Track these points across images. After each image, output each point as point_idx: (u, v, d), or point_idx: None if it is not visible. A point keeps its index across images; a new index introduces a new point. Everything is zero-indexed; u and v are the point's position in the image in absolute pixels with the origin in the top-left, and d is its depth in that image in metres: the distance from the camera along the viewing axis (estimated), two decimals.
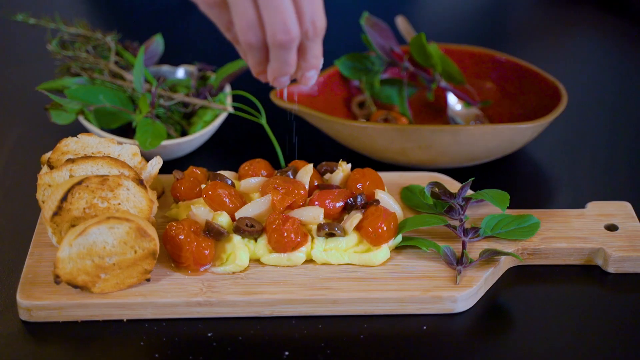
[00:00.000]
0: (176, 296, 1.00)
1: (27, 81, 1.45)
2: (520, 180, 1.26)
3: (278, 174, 1.13)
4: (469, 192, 1.12)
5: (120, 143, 1.12)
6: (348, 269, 1.04)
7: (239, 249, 1.04)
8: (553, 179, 1.28)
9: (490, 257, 1.05)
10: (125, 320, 1.00)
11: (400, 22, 1.47)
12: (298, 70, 1.02)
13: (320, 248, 1.05)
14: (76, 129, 1.21)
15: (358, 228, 1.06)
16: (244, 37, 0.97)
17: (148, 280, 1.01)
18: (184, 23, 1.70)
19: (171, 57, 1.40)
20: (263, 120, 1.23)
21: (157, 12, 1.74)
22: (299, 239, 1.04)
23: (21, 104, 1.43)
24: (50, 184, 1.05)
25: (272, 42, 0.95)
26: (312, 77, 1.03)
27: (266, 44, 0.97)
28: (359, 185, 1.11)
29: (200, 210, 1.07)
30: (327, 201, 1.07)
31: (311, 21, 0.96)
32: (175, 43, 1.48)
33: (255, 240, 1.05)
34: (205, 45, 1.61)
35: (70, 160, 1.06)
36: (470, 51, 1.38)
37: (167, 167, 1.22)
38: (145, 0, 1.77)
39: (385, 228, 1.05)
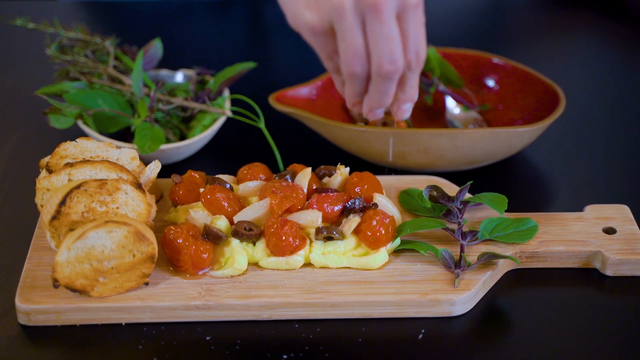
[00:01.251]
0: (175, 300, 1.00)
1: (26, 85, 1.46)
2: (518, 184, 1.27)
3: (276, 178, 1.13)
4: (467, 195, 1.12)
5: (118, 147, 1.13)
6: (346, 273, 1.04)
7: (238, 253, 1.04)
8: (551, 182, 1.28)
9: (488, 260, 1.05)
10: (123, 324, 1.00)
11: None
12: (394, 103, 1.01)
13: (319, 251, 1.05)
14: (75, 133, 1.22)
15: (356, 231, 1.06)
16: (349, 67, 0.95)
17: (147, 284, 1.01)
18: (183, 28, 1.70)
19: (170, 61, 1.41)
20: (262, 124, 1.23)
21: (155, 16, 1.74)
22: (297, 243, 1.04)
23: (20, 108, 1.43)
24: (49, 188, 1.05)
25: (378, 72, 0.95)
26: (407, 110, 1.02)
27: (369, 74, 0.96)
28: (357, 189, 1.11)
29: (198, 214, 1.07)
30: (326, 205, 1.08)
31: (415, 51, 0.95)
32: (174, 47, 1.48)
33: (254, 243, 1.06)
34: (204, 49, 1.61)
35: (69, 165, 1.06)
36: (469, 55, 1.38)
37: (166, 171, 1.22)
38: (144, 5, 1.77)
39: (383, 231, 1.05)
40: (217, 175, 1.14)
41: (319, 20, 0.94)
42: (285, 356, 0.96)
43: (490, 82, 1.37)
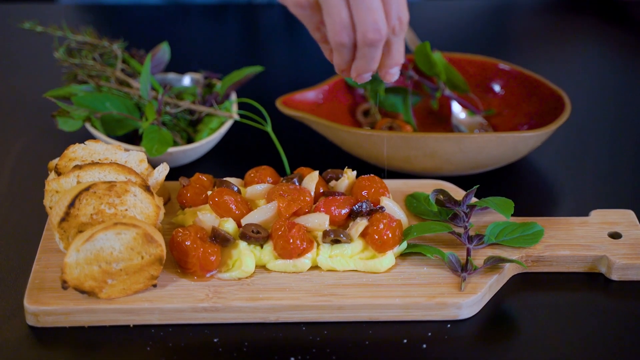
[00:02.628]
0: (182, 302, 1.00)
1: (34, 88, 1.46)
2: (524, 188, 1.27)
3: (284, 181, 1.13)
4: (473, 199, 1.13)
5: (127, 150, 1.13)
6: (353, 276, 1.05)
7: (245, 255, 1.04)
8: (557, 187, 1.28)
9: (494, 264, 1.05)
10: (131, 325, 1.01)
11: None
12: (382, 67, 1.04)
13: (326, 254, 1.06)
14: (83, 136, 1.22)
15: (363, 235, 1.07)
16: (336, 37, 0.99)
17: (154, 286, 1.02)
18: (190, 31, 1.71)
19: (177, 65, 1.41)
20: (269, 128, 1.24)
21: (163, 20, 1.75)
22: (304, 246, 1.05)
23: (28, 111, 1.43)
24: (58, 190, 1.06)
25: (363, 41, 0.99)
26: (395, 73, 1.05)
27: (355, 42, 1.00)
28: (364, 192, 1.12)
29: (206, 217, 1.07)
30: (333, 208, 1.08)
31: (398, 17, 0.99)
32: (182, 51, 1.49)
33: (261, 246, 1.06)
34: (211, 53, 1.62)
35: (78, 167, 1.06)
36: (474, 60, 1.39)
37: (174, 173, 1.23)
38: (152, 9, 1.78)
39: (390, 235, 1.06)
40: (224, 178, 1.14)
41: None
42: (292, 358, 0.97)
43: (496, 87, 1.38)
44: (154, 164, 1.16)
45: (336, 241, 1.06)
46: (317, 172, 1.14)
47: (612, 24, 1.77)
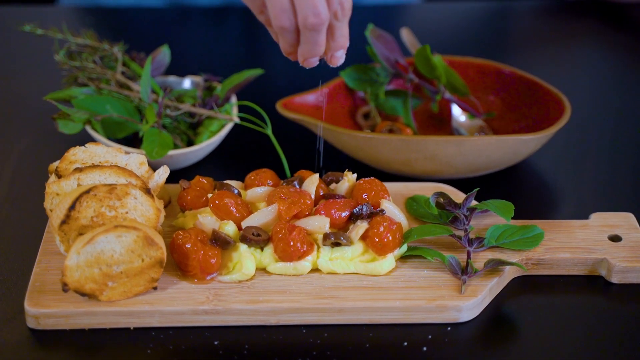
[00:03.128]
0: (183, 304, 1.00)
1: (34, 91, 1.46)
2: (524, 191, 1.27)
3: (284, 184, 1.13)
4: (474, 202, 1.13)
5: (127, 152, 1.13)
6: (354, 278, 1.05)
7: (246, 258, 1.04)
8: (557, 190, 1.28)
9: (494, 267, 1.05)
10: (132, 328, 1.01)
11: (405, 34, 1.48)
12: (327, 51, 1.05)
13: (326, 257, 1.06)
14: (83, 139, 1.22)
15: (364, 237, 1.07)
16: (277, 21, 1.01)
17: (155, 288, 1.02)
18: (191, 34, 1.71)
19: (177, 67, 1.41)
20: (269, 131, 1.24)
21: (163, 23, 1.75)
22: (305, 248, 1.05)
23: (29, 114, 1.43)
24: (58, 193, 1.06)
25: (304, 25, 1.00)
26: (340, 56, 1.06)
27: (298, 26, 1.01)
28: (364, 195, 1.12)
29: (207, 220, 1.08)
30: (333, 211, 1.08)
31: (339, 2, 1.00)
32: (182, 54, 1.49)
33: (262, 249, 1.06)
34: (212, 56, 1.62)
35: (78, 169, 1.06)
36: (475, 63, 1.39)
37: (174, 176, 1.23)
38: (152, 12, 1.78)
39: (390, 238, 1.06)
40: (225, 181, 1.14)
41: None
42: None
43: (496, 90, 1.38)
44: (154, 167, 1.16)
45: (336, 244, 1.06)
46: (317, 175, 1.14)
47: (612, 27, 1.77)
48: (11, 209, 1.20)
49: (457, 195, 1.17)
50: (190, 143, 1.29)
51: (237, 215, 1.08)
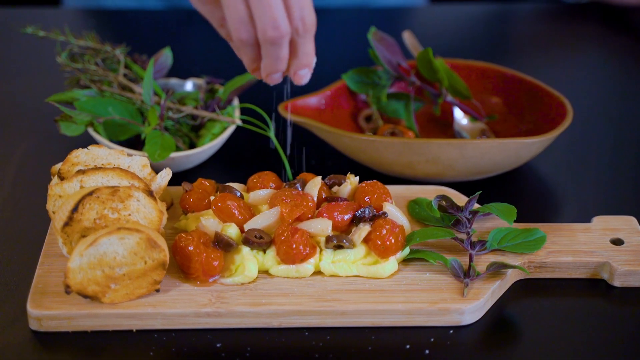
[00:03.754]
0: (185, 307, 1.00)
1: (37, 93, 1.46)
2: (526, 194, 1.27)
3: (286, 187, 1.13)
4: (476, 205, 1.13)
5: (129, 155, 1.13)
6: (356, 281, 1.05)
7: (248, 260, 1.04)
8: (559, 193, 1.28)
9: (497, 270, 1.05)
10: (134, 330, 1.01)
11: (407, 37, 1.48)
12: (290, 68, 1.04)
13: (329, 260, 1.06)
14: (85, 141, 1.22)
15: (366, 240, 1.07)
16: (235, 33, 0.99)
17: (157, 290, 1.02)
18: (193, 36, 1.71)
19: (180, 70, 1.41)
20: (271, 133, 1.24)
21: (165, 25, 1.75)
22: (307, 251, 1.05)
23: (31, 116, 1.44)
24: (61, 195, 1.06)
25: (263, 38, 0.98)
26: (304, 75, 1.04)
27: (258, 40, 0.99)
28: (367, 198, 1.12)
29: (209, 222, 1.08)
30: (336, 213, 1.08)
31: (300, 17, 0.98)
32: (184, 56, 1.49)
33: (264, 251, 1.06)
34: (214, 58, 1.62)
35: (81, 172, 1.06)
36: (477, 66, 1.39)
37: (176, 179, 1.23)
38: (155, 14, 1.78)
39: (393, 240, 1.06)
40: (227, 184, 1.14)
41: None
42: None
43: (498, 93, 1.38)
44: (156, 169, 1.16)
45: (339, 247, 1.06)
46: (319, 178, 1.14)
47: (614, 30, 1.77)
48: (14, 211, 1.21)
49: (460, 198, 1.17)
50: (192, 145, 1.29)
51: (240, 217, 1.08)
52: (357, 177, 1.16)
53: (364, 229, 1.07)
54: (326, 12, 1.80)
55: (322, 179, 1.15)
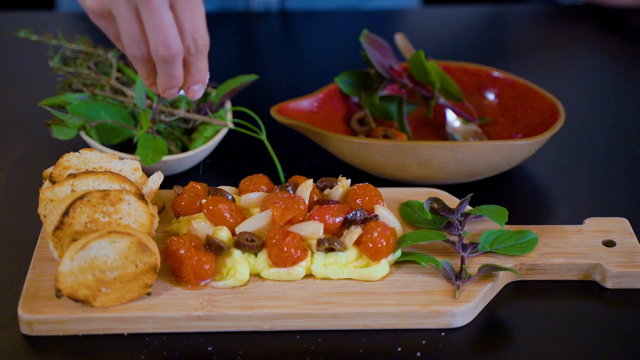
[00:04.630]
0: (177, 310, 1.00)
1: (29, 97, 1.46)
2: (518, 197, 1.27)
3: (278, 190, 1.13)
4: (468, 207, 1.13)
5: (121, 158, 1.13)
6: (347, 284, 1.05)
7: (239, 264, 1.04)
8: (551, 195, 1.28)
9: (488, 272, 1.05)
10: (126, 334, 1.01)
11: (400, 39, 1.48)
12: (185, 84, 1.06)
13: (320, 263, 1.06)
14: (77, 145, 1.22)
15: (357, 243, 1.07)
16: (129, 49, 1.01)
17: (149, 294, 1.02)
18: None
19: None
20: (263, 136, 1.24)
21: None
22: (298, 254, 1.05)
23: (23, 120, 1.43)
24: (52, 199, 1.06)
25: (156, 56, 1.00)
26: (198, 90, 1.07)
27: (151, 57, 1.01)
28: (358, 201, 1.12)
29: (200, 225, 1.07)
30: (327, 216, 1.08)
31: (192, 38, 1.00)
32: None
33: (256, 254, 1.06)
34: None
35: (72, 175, 1.06)
36: (469, 68, 1.39)
37: (168, 182, 1.23)
38: None
39: (384, 243, 1.06)
40: (219, 187, 1.14)
41: (97, 5, 1.01)
42: None
43: (490, 96, 1.38)
44: (148, 173, 1.16)
45: (330, 249, 1.06)
46: (311, 181, 1.14)
47: (607, 32, 1.77)
48: (5, 215, 1.20)
49: (452, 201, 1.17)
50: (184, 149, 1.29)
51: (231, 220, 1.08)
52: (349, 180, 1.16)
53: (355, 232, 1.07)
54: (318, 14, 1.80)
55: (314, 181, 1.15)
